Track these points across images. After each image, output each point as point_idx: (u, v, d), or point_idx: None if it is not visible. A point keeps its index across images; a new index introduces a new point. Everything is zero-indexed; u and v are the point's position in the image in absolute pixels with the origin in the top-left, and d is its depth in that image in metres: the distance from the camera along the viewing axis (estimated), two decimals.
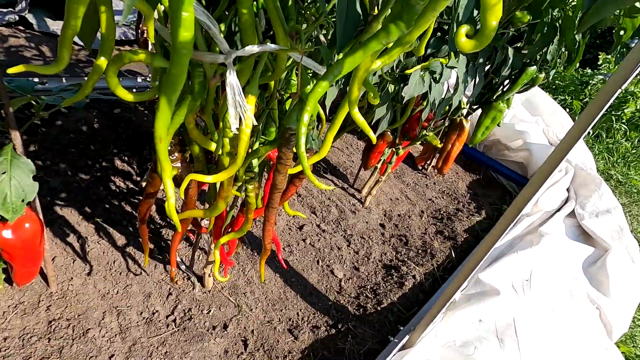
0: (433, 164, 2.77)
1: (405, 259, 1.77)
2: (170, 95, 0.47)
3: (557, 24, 1.85)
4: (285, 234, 1.73)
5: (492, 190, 2.82)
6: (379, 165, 2.07)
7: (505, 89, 2.43)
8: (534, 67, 2.29)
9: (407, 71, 1.37)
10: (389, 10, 0.53)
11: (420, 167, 2.83)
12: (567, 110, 5.31)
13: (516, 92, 2.53)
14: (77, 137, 1.76)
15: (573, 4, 1.73)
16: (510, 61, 2.27)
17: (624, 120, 4.64)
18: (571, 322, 1.47)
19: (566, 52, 2.33)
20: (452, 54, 1.44)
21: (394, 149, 1.92)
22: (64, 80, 2.02)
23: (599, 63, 6.05)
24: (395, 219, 2.12)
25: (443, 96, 1.60)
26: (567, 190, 2.55)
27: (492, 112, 2.49)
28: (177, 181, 0.91)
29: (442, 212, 2.31)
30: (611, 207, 2.27)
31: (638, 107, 4.83)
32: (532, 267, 1.61)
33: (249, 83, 0.65)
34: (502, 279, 1.53)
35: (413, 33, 0.50)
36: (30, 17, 2.58)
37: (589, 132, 4.70)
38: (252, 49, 0.59)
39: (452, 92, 1.68)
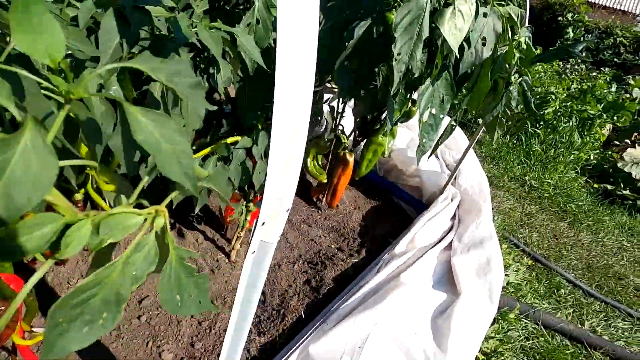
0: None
1: (251, 327, 1.71)
2: None
3: None
4: None
5: (390, 217, 2.81)
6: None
7: (382, 123, 2.39)
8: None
9: (199, 153, 1.29)
10: None
11: (315, 200, 2.78)
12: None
13: (396, 123, 2.50)
14: None
15: None
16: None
17: (541, 123, 4.75)
18: None
19: None
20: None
21: (242, 207, 1.84)
22: None
23: None
24: None
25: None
26: (453, 217, 2.56)
27: (373, 146, 2.45)
28: None
29: (320, 255, 2.26)
30: (485, 237, 2.28)
31: (557, 107, 4.95)
32: (371, 330, 1.58)
33: None
34: (334, 349, 1.49)
35: None
36: None
37: (509, 138, 4.78)
38: None
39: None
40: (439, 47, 1.06)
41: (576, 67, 8.76)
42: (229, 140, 1.27)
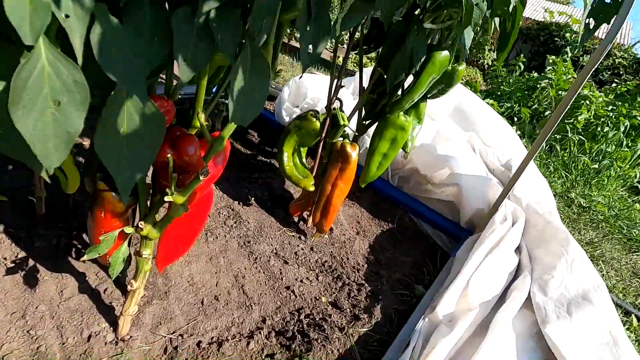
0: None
1: None
2: None
3: None
4: None
5: (410, 248, 1.83)
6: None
7: (406, 91, 1.45)
8: (446, 52, 1.33)
9: None
10: None
11: (296, 219, 1.79)
12: (516, 119, 4.57)
13: (425, 97, 1.57)
14: None
15: None
16: (410, 45, 1.31)
17: (579, 129, 3.91)
18: None
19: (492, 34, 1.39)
20: None
21: (124, 230, 0.84)
22: None
23: (546, 69, 5.34)
24: (186, 356, 1.03)
25: None
26: (518, 250, 1.59)
27: (390, 131, 1.50)
28: None
29: (299, 318, 1.25)
30: (591, 287, 1.31)
31: (592, 114, 4.13)
32: None
33: None
34: None
35: None
36: None
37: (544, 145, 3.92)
38: None
39: None
40: None
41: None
42: None
